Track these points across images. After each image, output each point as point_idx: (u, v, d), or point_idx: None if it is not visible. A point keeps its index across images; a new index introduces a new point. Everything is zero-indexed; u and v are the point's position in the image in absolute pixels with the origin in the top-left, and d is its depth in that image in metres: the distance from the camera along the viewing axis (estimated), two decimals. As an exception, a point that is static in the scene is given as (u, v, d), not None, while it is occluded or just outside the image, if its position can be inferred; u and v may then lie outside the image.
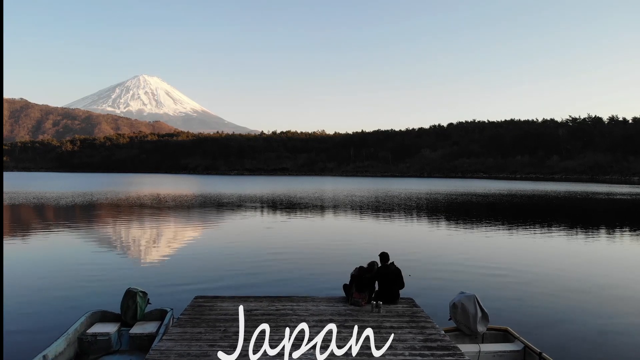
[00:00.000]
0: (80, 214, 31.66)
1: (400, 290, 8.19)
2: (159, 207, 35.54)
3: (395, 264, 8.36)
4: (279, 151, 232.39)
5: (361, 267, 8.30)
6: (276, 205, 38.74)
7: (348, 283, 8.35)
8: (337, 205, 38.22)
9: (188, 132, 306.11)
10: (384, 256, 8.40)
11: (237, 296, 8.52)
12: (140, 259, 15.88)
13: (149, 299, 8.25)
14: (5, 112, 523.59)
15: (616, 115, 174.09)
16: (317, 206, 37.26)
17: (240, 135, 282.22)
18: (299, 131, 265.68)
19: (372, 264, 8.31)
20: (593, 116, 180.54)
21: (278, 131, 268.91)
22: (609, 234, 23.76)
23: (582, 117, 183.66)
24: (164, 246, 18.49)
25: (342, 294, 8.46)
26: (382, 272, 8.17)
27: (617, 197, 52.85)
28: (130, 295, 7.98)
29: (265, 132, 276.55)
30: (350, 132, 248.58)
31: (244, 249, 17.44)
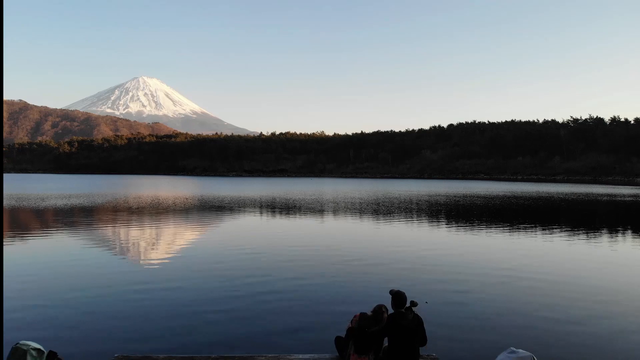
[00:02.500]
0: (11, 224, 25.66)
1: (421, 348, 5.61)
2: (115, 215, 29.47)
3: (414, 309, 5.66)
4: (278, 152, 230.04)
5: (362, 315, 5.68)
6: (264, 210, 35.95)
7: (344, 336, 5.77)
8: (335, 210, 35.53)
9: (186, 134, 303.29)
10: (398, 298, 5.63)
11: (175, 356, 5.90)
12: (48, 295, 10.46)
13: (54, 356, 5.69)
14: (5, 114, 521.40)
15: (618, 116, 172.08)
16: (312, 210, 34.56)
17: (239, 136, 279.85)
18: (298, 132, 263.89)
19: (380, 310, 5.66)
20: (594, 117, 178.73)
21: (277, 132, 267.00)
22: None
23: (583, 118, 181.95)
24: (84, 277, 12.37)
25: (334, 351, 5.88)
26: (395, 324, 5.52)
27: (632, 199, 50.32)
28: (18, 355, 5.41)
29: (265, 133, 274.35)
30: (349, 133, 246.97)
31: (197, 278, 12.16)
